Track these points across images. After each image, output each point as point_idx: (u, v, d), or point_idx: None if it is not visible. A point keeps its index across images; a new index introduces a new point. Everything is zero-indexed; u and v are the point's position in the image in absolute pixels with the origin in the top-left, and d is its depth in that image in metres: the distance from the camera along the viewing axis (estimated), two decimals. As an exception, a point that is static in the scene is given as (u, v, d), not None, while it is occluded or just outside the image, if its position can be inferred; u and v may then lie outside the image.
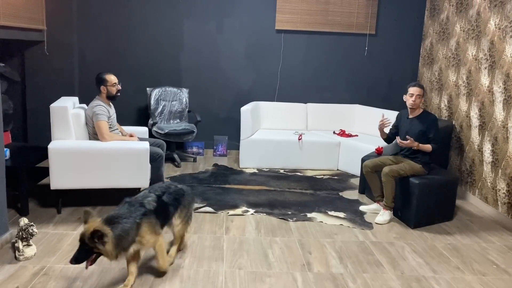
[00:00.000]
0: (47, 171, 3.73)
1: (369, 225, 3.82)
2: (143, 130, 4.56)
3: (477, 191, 4.49)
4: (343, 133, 5.65)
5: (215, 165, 5.47)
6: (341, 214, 4.02)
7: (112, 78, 3.93)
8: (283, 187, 4.71)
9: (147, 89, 5.61)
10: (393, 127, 4.14)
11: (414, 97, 3.83)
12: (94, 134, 3.87)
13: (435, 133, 3.82)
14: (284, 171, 5.32)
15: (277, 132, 5.58)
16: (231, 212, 3.97)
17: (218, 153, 5.91)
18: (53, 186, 3.62)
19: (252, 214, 3.95)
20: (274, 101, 6.05)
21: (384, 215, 3.90)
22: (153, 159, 3.90)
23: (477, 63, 4.58)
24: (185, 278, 2.84)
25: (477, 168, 4.50)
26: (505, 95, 4.09)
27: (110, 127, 3.90)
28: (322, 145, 5.38)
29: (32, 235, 2.99)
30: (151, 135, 4.87)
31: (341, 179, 5.11)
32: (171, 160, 5.45)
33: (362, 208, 4.18)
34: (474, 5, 4.67)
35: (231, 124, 6.02)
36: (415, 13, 5.91)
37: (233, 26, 5.86)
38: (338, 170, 5.45)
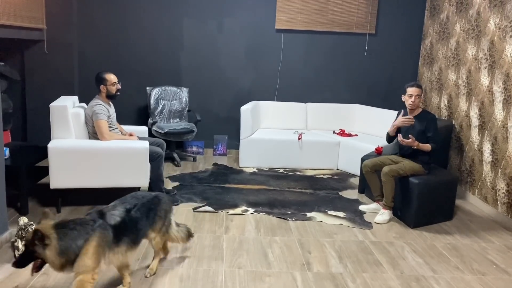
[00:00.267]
0: (46, 170, 3.73)
1: (368, 225, 3.82)
2: (142, 129, 4.56)
3: (476, 190, 4.49)
4: (342, 133, 5.65)
5: (215, 164, 5.47)
6: (341, 214, 4.03)
7: (112, 77, 3.92)
8: (283, 186, 4.71)
9: (147, 88, 5.61)
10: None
11: (413, 98, 3.83)
12: (93, 134, 3.87)
13: (434, 132, 3.81)
14: (284, 170, 5.32)
15: (277, 132, 5.58)
16: (230, 211, 3.97)
17: (218, 152, 5.91)
18: (52, 185, 3.63)
19: (252, 213, 3.95)
20: (274, 100, 6.05)
21: (383, 215, 3.90)
22: (153, 159, 3.90)
23: (477, 63, 4.58)
24: (185, 278, 2.84)
25: (476, 168, 4.50)
26: (505, 94, 4.09)
27: (109, 127, 3.89)
28: (322, 145, 5.38)
29: (31, 234, 2.97)
30: (150, 135, 4.87)
31: (341, 178, 5.11)
32: (170, 159, 5.45)
33: (361, 207, 4.18)
34: (474, 4, 4.67)
35: (231, 124, 6.02)
36: (415, 12, 5.91)
37: (233, 25, 5.85)
38: (337, 169, 5.45)
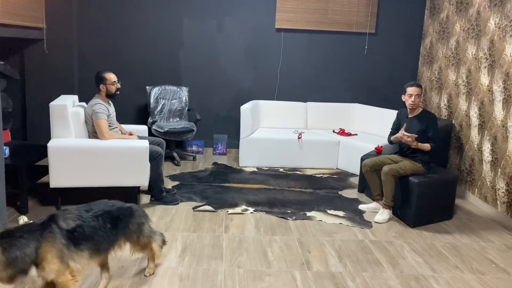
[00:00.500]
0: (46, 169, 3.73)
1: (368, 224, 3.82)
2: (142, 129, 4.56)
3: (476, 190, 4.49)
4: (342, 132, 5.65)
5: (215, 163, 5.47)
6: (341, 213, 4.03)
7: (111, 76, 3.92)
8: (283, 185, 4.71)
9: (147, 87, 5.60)
10: (394, 127, 4.13)
11: (413, 97, 3.82)
12: (93, 133, 3.87)
13: (433, 132, 3.81)
14: (284, 169, 5.32)
15: (277, 131, 5.58)
16: (230, 210, 3.97)
17: (218, 151, 5.91)
18: (52, 185, 3.63)
19: (252, 212, 3.95)
20: (274, 99, 6.04)
21: (383, 214, 3.90)
22: (153, 158, 3.90)
23: (477, 62, 4.58)
24: (184, 277, 2.84)
25: (476, 167, 4.50)
26: (504, 94, 4.09)
27: (109, 126, 3.89)
28: (321, 144, 5.38)
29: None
30: (150, 134, 4.86)
31: (341, 178, 5.11)
32: (170, 158, 5.45)
33: (361, 207, 4.18)
34: (474, 4, 4.67)
35: (230, 123, 6.02)
36: (415, 12, 5.90)
37: (233, 25, 5.85)
38: (337, 169, 5.45)
